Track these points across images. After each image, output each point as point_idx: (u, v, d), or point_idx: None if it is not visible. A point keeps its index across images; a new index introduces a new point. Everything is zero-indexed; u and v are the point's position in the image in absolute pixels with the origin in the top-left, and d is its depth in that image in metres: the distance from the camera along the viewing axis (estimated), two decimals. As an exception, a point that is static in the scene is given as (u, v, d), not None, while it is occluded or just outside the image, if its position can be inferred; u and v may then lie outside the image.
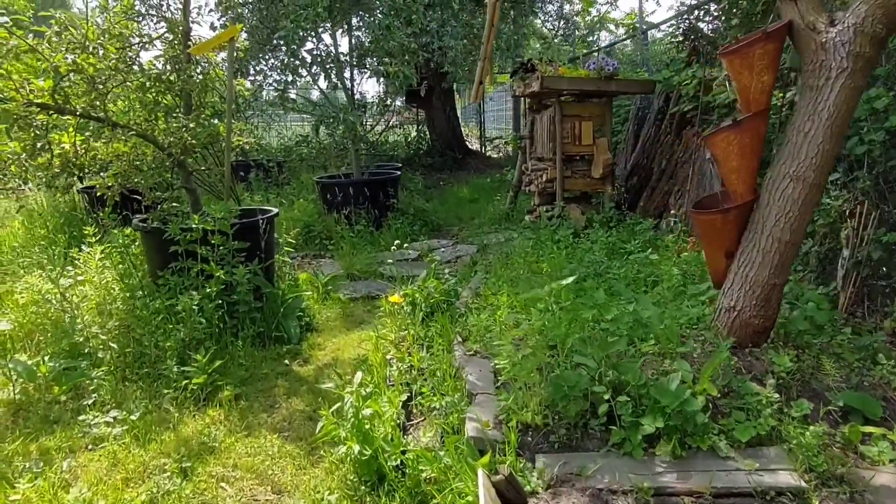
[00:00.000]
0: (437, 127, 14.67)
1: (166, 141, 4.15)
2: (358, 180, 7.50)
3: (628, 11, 16.95)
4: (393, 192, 7.66)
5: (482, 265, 5.67)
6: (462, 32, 9.87)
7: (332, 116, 6.64)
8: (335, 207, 7.35)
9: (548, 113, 6.16)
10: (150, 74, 4.10)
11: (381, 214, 7.51)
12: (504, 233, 7.06)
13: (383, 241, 7.05)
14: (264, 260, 4.52)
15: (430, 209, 8.20)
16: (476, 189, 10.83)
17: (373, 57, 12.51)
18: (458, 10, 10.77)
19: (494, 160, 15.44)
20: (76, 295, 4.14)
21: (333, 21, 6.88)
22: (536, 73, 5.75)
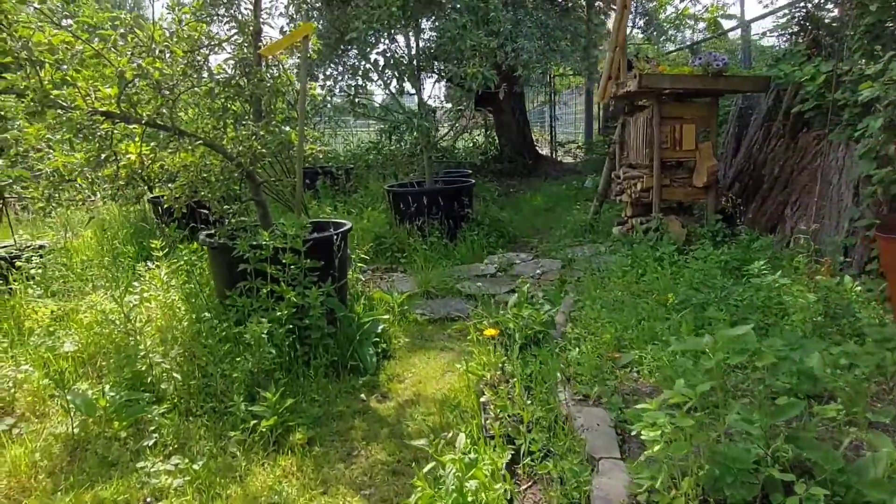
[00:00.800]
0: (506, 131, 14.16)
1: (234, 150, 3.82)
2: (431, 189, 7.07)
3: (708, 6, 15.94)
4: (467, 202, 7.20)
5: (572, 284, 5.11)
6: (537, 33, 9.34)
7: (404, 122, 6.25)
8: (407, 218, 6.95)
9: (643, 115, 5.55)
10: (219, 79, 3.78)
11: (456, 225, 7.06)
12: (589, 246, 6.47)
13: (458, 253, 6.59)
14: (338, 279, 4.13)
15: (506, 219, 7.69)
16: (550, 197, 10.25)
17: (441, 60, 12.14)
18: (532, 8, 10.25)
19: (567, 165, 14.78)
20: (140, 316, 3.86)
21: (406, 22, 6.49)
22: (633, 72, 5.16)
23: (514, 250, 7.08)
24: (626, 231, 5.97)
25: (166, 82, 3.67)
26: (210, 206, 3.97)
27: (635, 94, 5.38)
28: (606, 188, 6.92)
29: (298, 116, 3.90)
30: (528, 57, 8.60)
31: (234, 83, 3.80)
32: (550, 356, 3.28)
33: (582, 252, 6.25)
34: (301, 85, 3.90)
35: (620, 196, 5.99)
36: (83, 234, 7.07)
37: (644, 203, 5.71)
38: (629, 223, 5.90)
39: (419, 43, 8.14)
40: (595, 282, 4.86)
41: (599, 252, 6.11)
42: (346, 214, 8.46)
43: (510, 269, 6.10)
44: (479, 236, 6.99)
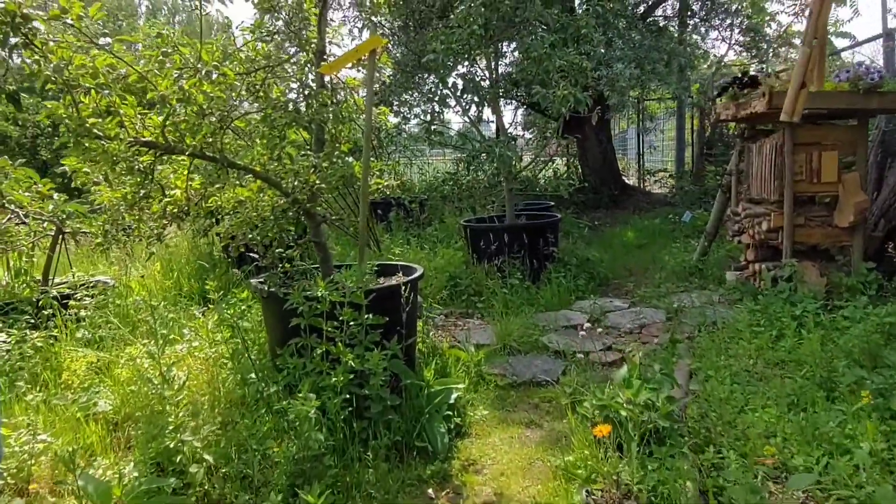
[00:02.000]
0: (589, 159, 13.30)
1: (290, 185, 3.28)
2: (512, 225, 6.38)
3: (818, 23, 14.50)
4: (553, 239, 6.45)
5: (684, 344, 4.25)
6: (632, 55, 8.56)
7: (484, 151, 5.61)
8: (485, 256, 6.28)
9: (770, 141, 4.65)
10: (276, 104, 3.27)
11: (540, 265, 6.32)
12: (698, 294, 5.54)
13: (542, 298, 5.83)
14: (405, 336, 3.49)
15: (595, 259, 6.86)
16: (643, 232, 9.30)
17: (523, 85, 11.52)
18: (625, 28, 9.48)
19: (656, 197, 13.71)
20: (180, 374, 3.35)
21: (488, 43, 5.90)
22: (761, 89, 4.31)
23: (606, 295, 6.24)
24: (747, 278, 5.04)
25: (216, 107, 3.20)
26: (257, 249, 3.44)
27: (762, 116, 4.51)
28: (717, 225, 5.99)
29: (364, 145, 3.32)
30: (623, 81, 7.85)
31: (291, 108, 3.28)
32: (678, 459, 2.47)
33: (690, 301, 5.34)
34: (367, 108, 3.33)
35: (739, 237, 5.07)
36: (151, 268, 6.84)
37: (771, 246, 4.77)
38: (750, 269, 4.96)
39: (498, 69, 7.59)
40: (716, 343, 3.98)
41: (712, 302, 5.18)
42: (418, 250, 7.89)
43: (604, 318, 5.27)
44: (565, 278, 6.21)
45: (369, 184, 3.47)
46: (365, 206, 3.40)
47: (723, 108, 4.93)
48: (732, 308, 4.87)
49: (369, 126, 3.35)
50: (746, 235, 4.88)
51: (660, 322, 4.99)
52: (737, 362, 3.66)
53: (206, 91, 3.01)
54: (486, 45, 5.86)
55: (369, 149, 3.31)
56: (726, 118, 4.90)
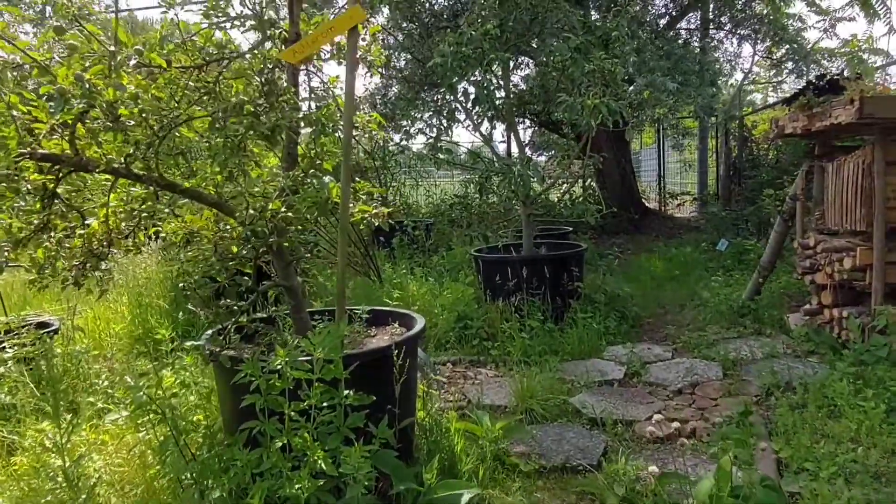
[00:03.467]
0: (608, 181, 12.45)
1: (242, 214, 2.43)
2: (532, 257, 5.51)
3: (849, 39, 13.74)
4: (577, 273, 5.56)
5: (758, 417, 3.33)
6: (664, 65, 7.75)
7: (500, 171, 4.76)
8: (500, 293, 5.40)
9: (853, 160, 3.78)
10: (227, 106, 2.43)
11: (563, 303, 5.43)
12: (756, 342, 4.63)
13: (568, 343, 4.93)
14: (399, 416, 2.61)
15: (625, 295, 5.95)
16: (672, 262, 8.40)
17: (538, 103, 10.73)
18: (653, 37, 8.69)
19: (680, 221, 12.82)
20: (91, 470, 2.47)
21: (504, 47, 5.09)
22: (847, 95, 3.45)
23: (641, 339, 5.33)
24: (820, 325, 4.13)
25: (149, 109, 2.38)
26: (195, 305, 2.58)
27: (845, 128, 3.64)
28: (775, 259, 5.10)
29: (343, 159, 2.47)
30: (657, 92, 7.02)
31: (246, 110, 2.44)
32: None
33: (748, 351, 4.43)
34: (346, 107, 2.48)
35: (811, 275, 4.17)
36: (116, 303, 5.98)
37: (854, 288, 3.87)
38: (826, 314, 4.06)
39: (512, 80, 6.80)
40: (803, 418, 3.07)
41: (777, 354, 4.26)
42: (423, 282, 7.03)
43: (644, 371, 4.37)
44: (593, 319, 5.30)
45: (352, 211, 2.60)
46: (343, 242, 2.54)
47: (788, 120, 4.07)
48: (806, 363, 3.95)
49: (349, 132, 2.50)
50: (822, 274, 3.98)
51: (715, 379, 4.07)
52: (840, 450, 2.74)
53: (125, 84, 2.18)
54: (501, 48, 5.04)
55: (349, 165, 2.44)
56: (792, 132, 4.04)
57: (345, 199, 2.42)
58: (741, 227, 8.61)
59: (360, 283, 7.54)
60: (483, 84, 4.71)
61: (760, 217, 8.38)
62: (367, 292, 7.17)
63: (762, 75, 19.27)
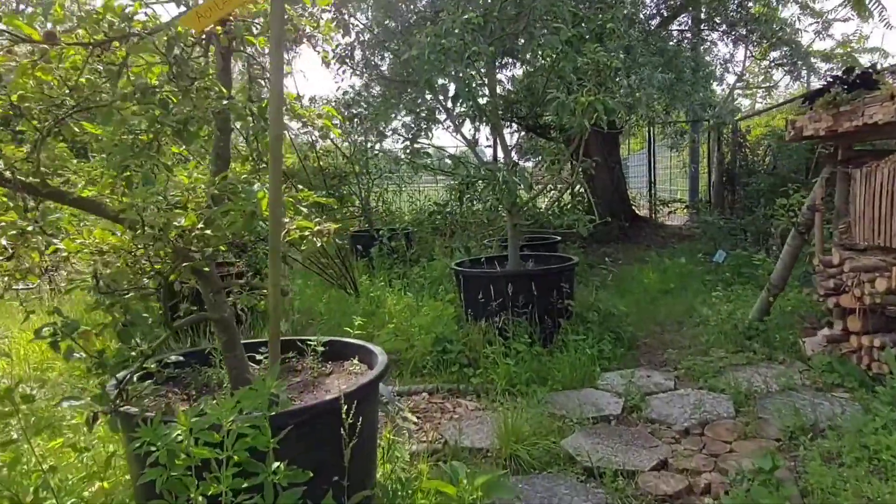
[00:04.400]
0: (597, 187, 11.98)
1: (143, 231, 1.87)
2: (518, 272, 4.99)
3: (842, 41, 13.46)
4: (568, 289, 5.04)
5: (786, 470, 2.81)
6: (657, 60, 7.28)
7: (483, 177, 4.23)
8: (483, 312, 4.87)
9: (889, 166, 3.29)
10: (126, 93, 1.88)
11: (553, 323, 4.90)
12: (768, 370, 4.13)
13: (558, 369, 4.40)
14: (350, 487, 2.06)
15: (620, 314, 5.44)
16: (666, 273, 7.91)
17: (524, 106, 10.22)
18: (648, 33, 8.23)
19: (671, 229, 12.38)
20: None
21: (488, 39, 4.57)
22: (885, 91, 2.96)
23: (638, 363, 4.82)
24: (845, 354, 3.64)
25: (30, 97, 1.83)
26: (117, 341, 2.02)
27: (883, 128, 3.15)
28: (787, 276, 4.61)
29: (270, 158, 1.92)
30: (649, 92, 6.56)
31: (153, 96, 1.89)
32: None
33: (761, 381, 3.92)
34: (271, 96, 1.94)
35: (835, 296, 3.67)
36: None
37: (886, 313, 3.38)
38: (854, 342, 3.56)
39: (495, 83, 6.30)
40: (842, 475, 2.55)
41: (795, 386, 3.76)
42: (401, 296, 6.49)
43: (644, 405, 3.84)
44: (586, 341, 4.78)
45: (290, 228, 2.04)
46: (275, 269, 1.97)
47: (809, 120, 3.58)
48: (832, 399, 3.45)
49: (277, 126, 1.94)
50: (849, 296, 3.48)
51: (727, 417, 3.55)
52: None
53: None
54: (486, 41, 4.52)
55: (279, 169, 1.89)
56: (813, 134, 3.55)
57: (274, 213, 1.87)
58: (739, 237, 8.16)
59: (335, 296, 6.98)
60: (465, 80, 4.18)
61: (759, 227, 7.94)
62: (342, 307, 6.62)
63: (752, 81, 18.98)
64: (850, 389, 3.51)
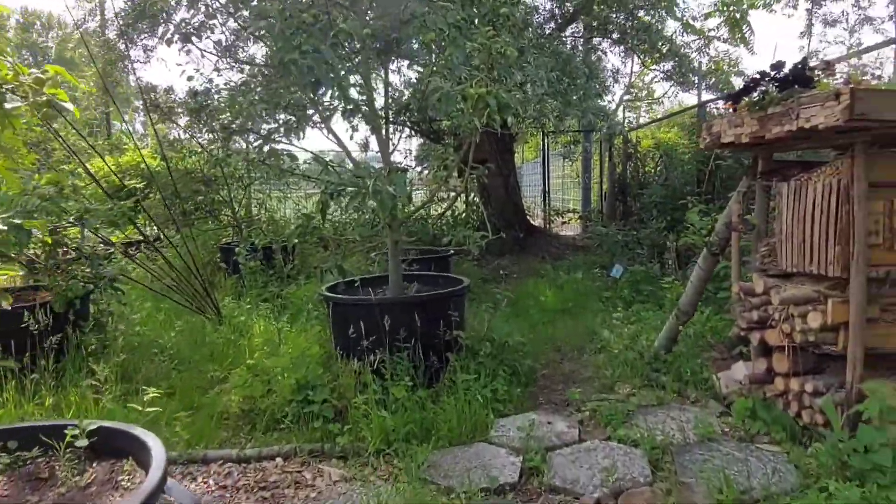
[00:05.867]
0: (492, 197, 11.49)
1: None
2: (399, 301, 4.18)
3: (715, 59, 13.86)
4: (457, 317, 4.29)
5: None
6: (549, 62, 6.79)
7: (350, 184, 3.38)
8: (356, 349, 4.02)
9: (824, 179, 2.80)
10: None
11: (439, 360, 4.13)
12: (681, 413, 3.58)
13: (444, 419, 3.63)
14: None
15: (516, 344, 4.76)
16: (564, 289, 7.41)
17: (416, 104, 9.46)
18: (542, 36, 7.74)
19: (565, 240, 12.10)
20: None
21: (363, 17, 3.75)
22: (817, 90, 2.43)
23: (537, 404, 4.16)
24: (772, 398, 3.13)
25: None
26: None
27: (822, 133, 2.65)
28: (697, 301, 4.12)
29: None
30: (541, 96, 6.01)
31: None
32: None
33: (674, 427, 3.36)
34: None
35: (759, 331, 3.15)
36: None
37: (821, 353, 2.88)
38: (780, 384, 3.05)
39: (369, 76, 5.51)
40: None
41: (715, 436, 3.21)
42: (269, 322, 5.50)
43: (546, 466, 3.15)
44: (477, 379, 4.05)
45: None
46: None
47: (729, 124, 3.06)
48: (760, 455, 2.91)
49: None
50: (776, 332, 2.97)
51: (643, 481, 2.92)
52: None
53: None
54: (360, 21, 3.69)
55: None
56: (734, 141, 3.03)
57: None
58: (636, 250, 7.84)
59: (192, 323, 5.85)
60: (329, 64, 3.32)
61: (654, 240, 7.67)
62: (197, 337, 5.52)
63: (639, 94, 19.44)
64: (778, 441, 3.00)
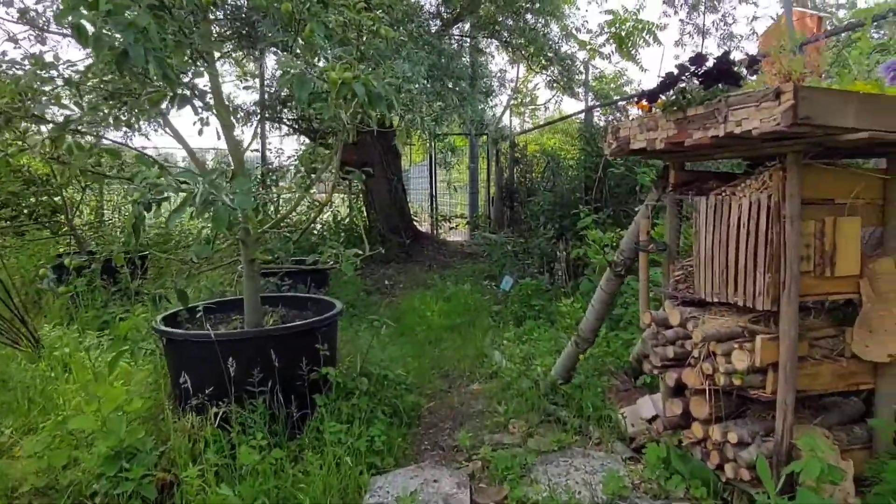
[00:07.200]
0: (377, 201, 10.80)
1: None
2: (250, 336, 3.38)
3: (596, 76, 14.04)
4: (328, 350, 3.56)
5: None
6: (429, 60, 6.24)
7: (176, 188, 2.55)
8: (198, 397, 3.18)
9: (748, 195, 2.39)
10: None
11: (304, 404, 3.39)
12: (583, 457, 3.10)
13: (308, 483, 2.90)
14: None
15: (398, 378, 4.10)
16: (451, 303, 6.87)
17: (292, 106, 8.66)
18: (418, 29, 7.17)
19: (453, 246, 11.66)
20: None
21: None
22: (772, 89, 2.00)
23: (421, 452, 3.54)
24: (689, 447, 2.70)
25: None
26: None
27: (752, 141, 2.23)
28: (598, 327, 3.68)
29: None
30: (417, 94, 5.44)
31: None
32: None
33: (578, 481, 2.86)
34: None
35: (674, 370, 2.71)
36: None
37: (747, 396, 2.48)
38: (698, 431, 2.63)
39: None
40: None
41: (624, 492, 2.74)
42: (98, 352, 4.46)
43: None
44: (350, 427, 3.35)
45: None
46: None
47: (641, 128, 2.61)
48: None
49: None
50: (694, 373, 2.55)
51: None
52: None
53: None
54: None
55: None
56: (647, 146, 2.57)
57: None
58: (525, 261, 7.47)
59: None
60: (140, 28, 2.48)
61: (543, 249, 7.34)
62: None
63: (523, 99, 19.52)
64: (698, 499, 2.58)
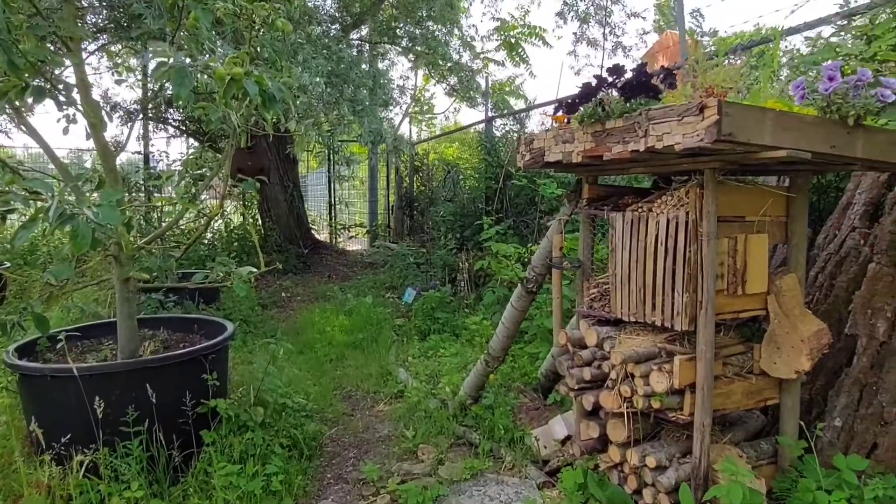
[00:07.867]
0: (273, 209, 10.28)
1: None
2: (121, 368, 2.94)
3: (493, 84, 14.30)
4: (217, 379, 3.18)
5: None
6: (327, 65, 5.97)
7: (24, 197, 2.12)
8: (61, 441, 2.72)
9: (666, 213, 2.34)
10: None
11: (189, 444, 3.00)
12: (497, 484, 2.95)
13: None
14: None
15: (298, 406, 3.77)
16: (353, 317, 6.57)
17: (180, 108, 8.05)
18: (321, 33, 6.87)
19: (353, 256, 11.31)
20: None
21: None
22: (695, 103, 1.94)
23: (325, 486, 3.24)
24: (607, 471, 2.62)
25: None
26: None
27: (667, 159, 2.17)
28: (509, 345, 3.56)
29: None
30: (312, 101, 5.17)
31: None
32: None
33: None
34: None
35: (592, 392, 2.61)
36: None
37: (666, 418, 2.43)
38: (615, 455, 2.55)
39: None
40: None
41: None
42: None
43: None
44: (243, 470, 3.00)
45: None
46: None
47: (556, 140, 2.50)
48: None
49: None
50: (613, 396, 2.46)
51: None
52: None
53: None
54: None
55: None
56: (562, 159, 2.47)
57: None
58: (429, 272, 7.32)
59: None
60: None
61: (446, 260, 7.23)
62: None
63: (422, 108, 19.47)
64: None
